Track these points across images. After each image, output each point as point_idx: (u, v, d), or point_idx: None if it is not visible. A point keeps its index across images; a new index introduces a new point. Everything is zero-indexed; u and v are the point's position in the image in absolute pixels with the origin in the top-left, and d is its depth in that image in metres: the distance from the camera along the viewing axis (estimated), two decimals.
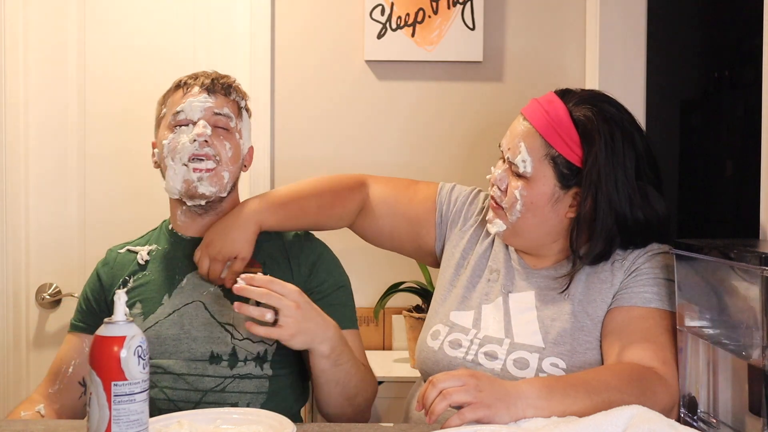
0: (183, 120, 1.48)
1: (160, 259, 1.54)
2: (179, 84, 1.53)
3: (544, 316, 1.37)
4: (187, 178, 1.46)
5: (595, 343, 1.32)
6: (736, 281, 1.08)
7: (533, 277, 1.42)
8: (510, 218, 1.38)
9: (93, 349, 1.01)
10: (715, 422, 1.13)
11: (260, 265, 1.49)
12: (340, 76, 2.40)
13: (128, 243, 1.61)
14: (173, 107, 1.50)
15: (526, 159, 1.34)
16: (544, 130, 1.34)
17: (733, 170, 3.84)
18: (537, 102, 1.39)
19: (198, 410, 1.25)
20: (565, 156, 1.33)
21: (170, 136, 1.48)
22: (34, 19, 2.35)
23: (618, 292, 1.34)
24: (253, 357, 1.44)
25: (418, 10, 2.35)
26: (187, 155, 1.45)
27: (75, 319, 1.55)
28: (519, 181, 1.36)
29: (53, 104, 2.36)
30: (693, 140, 4.19)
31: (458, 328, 1.42)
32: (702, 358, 1.17)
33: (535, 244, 1.43)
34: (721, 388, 1.12)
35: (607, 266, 1.37)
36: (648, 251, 1.37)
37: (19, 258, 2.35)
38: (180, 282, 1.50)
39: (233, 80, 1.57)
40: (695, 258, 1.18)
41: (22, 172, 2.35)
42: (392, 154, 2.41)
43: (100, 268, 1.58)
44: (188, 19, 2.36)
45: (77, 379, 1.50)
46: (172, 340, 1.45)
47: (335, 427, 1.20)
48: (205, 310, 1.47)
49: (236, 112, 1.53)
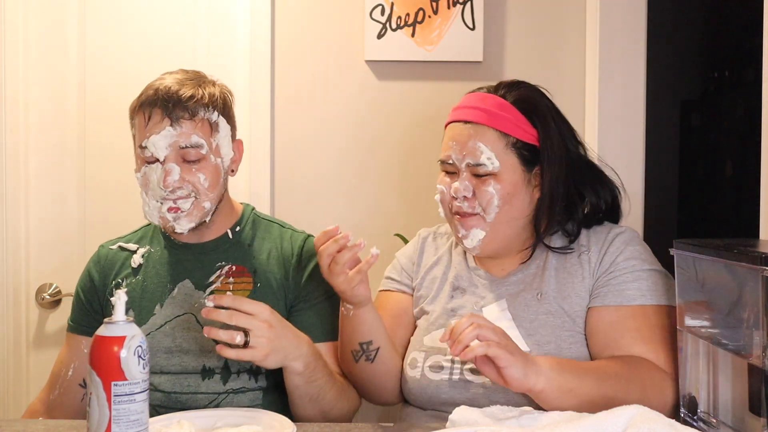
0: (149, 157, 1.38)
1: (153, 263, 1.51)
2: (141, 104, 1.40)
3: (521, 320, 1.37)
4: (164, 216, 1.40)
5: (578, 337, 1.33)
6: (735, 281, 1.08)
7: (501, 286, 1.42)
8: (488, 218, 1.37)
9: (93, 349, 1.01)
10: (715, 422, 1.13)
11: (251, 274, 1.47)
12: (339, 76, 2.40)
13: (121, 238, 1.57)
14: (138, 137, 1.41)
15: (490, 156, 1.35)
16: (494, 122, 1.36)
17: (733, 170, 3.84)
18: (466, 107, 1.41)
19: (198, 410, 1.25)
20: (522, 139, 1.37)
21: (142, 169, 1.40)
22: (34, 18, 2.35)
23: (596, 288, 1.35)
24: (246, 369, 1.41)
25: (418, 10, 2.35)
26: (159, 196, 1.39)
27: (71, 319, 1.54)
28: (486, 180, 1.36)
29: (53, 104, 2.36)
30: (693, 140, 4.19)
31: (434, 351, 1.40)
32: (702, 357, 1.17)
33: (508, 242, 1.42)
34: (721, 388, 1.12)
35: (574, 258, 1.39)
36: (613, 241, 1.38)
37: (19, 258, 2.34)
38: (172, 291, 1.47)
39: (199, 94, 1.41)
40: (695, 258, 1.18)
41: (22, 172, 2.35)
42: (392, 154, 2.41)
43: (91, 266, 1.55)
44: (188, 18, 2.36)
45: (77, 382, 1.48)
46: (164, 353, 1.43)
47: (335, 427, 1.20)
48: (197, 323, 1.44)
49: (208, 131, 1.41)
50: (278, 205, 2.40)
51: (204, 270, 1.49)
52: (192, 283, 1.47)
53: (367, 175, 2.42)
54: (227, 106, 1.47)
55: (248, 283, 1.46)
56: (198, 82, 1.44)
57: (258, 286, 1.46)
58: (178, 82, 1.41)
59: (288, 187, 2.41)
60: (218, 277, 1.47)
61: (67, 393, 1.48)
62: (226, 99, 1.47)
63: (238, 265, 1.48)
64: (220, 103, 1.44)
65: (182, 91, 1.39)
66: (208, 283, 1.47)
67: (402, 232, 2.33)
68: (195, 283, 1.47)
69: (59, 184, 2.37)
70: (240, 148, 1.53)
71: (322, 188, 2.42)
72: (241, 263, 1.49)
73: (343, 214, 2.41)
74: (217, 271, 1.48)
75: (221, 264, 1.49)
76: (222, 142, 1.44)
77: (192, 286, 1.47)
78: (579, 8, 2.37)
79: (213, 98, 1.42)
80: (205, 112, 1.40)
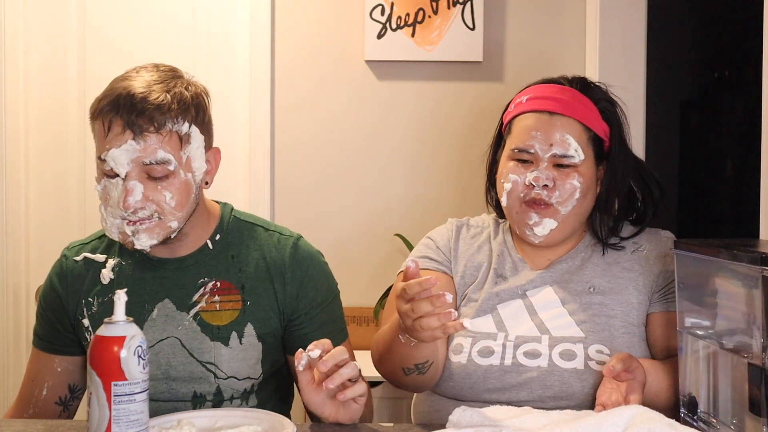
0: (109, 171, 1.23)
1: (126, 279, 1.34)
2: (101, 111, 1.22)
3: (572, 308, 1.38)
4: (123, 231, 1.25)
5: (629, 328, 1.35)
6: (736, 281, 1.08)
7: (545, 274, 1.43)
8: (563, 210, 1.38)
9: (93, 349, 1.01)
10: (715, 422, 1.12)
11: (238, 290, 1.34)
12: (340, 76, 2.40)
13: (86, 245, 1.40)
14: (98, 147, 1.24)
15: (577, 147, 1.38)
16: (578, 114, 1.39)
17: (733, 170, 3.84)
18: (545, 98, 1.40)
19: (198, 410, 1.24)
20: (597, 133, 1.40)
21: (102, 182, 1.25)
22: (34, 19, 2.35)
23: (657, 292, 1.38)
24: (239, 395, 1.34)
25: (418, 10, 2.35)
26: (119, 215, 1.24)
27: (39, 335, 1.39)
28: (569, 172, 1.38)
29: (53, 104, 2.36)
30: (693, 140, 4.19)
31: (483, 336, 1.38)
32: (702, 358, 1.17)
33: (569, 235, 1.44)
34: (721, 388, 1.12)
35: (626, 255, 1.42)
36: (665, 242, 1.43)
37: (19, 258, 2.35)
38: (151, 313, 1.32)
39: (167, 101, 1.21)
40: (695, 258, 1.18)
41: (22, 172, 2.35)
42: (392, 154, 2.41)
43: (55, 280, 1.37)
44: (188, 20, 2.36)
45: (53, 401, 1.37)
46: (151, 381, 1.24)
47: (335, 427, 1.20)
48: (183, 348, 1.31)
49: (177, 145, 1.23)
50: (278, 205, 2.40)
51: (185, 288, 1.33)
52: (172, 303, 1.32)
53: (367, 174, 2.42)
54: (201, 112, 1.27)
55: (236, 302, 1.33)
56: (169, 84, 1.24)
57: (248, 305, 1.33)
58: (145, 85, 1.22)
59: (288, 187, 2.41)
60: (202, 296, 1.33)
61: (43, 412, 1.37)
62: (200, 104, 1.27)
63: (222, 281, 1.34)
64: (192, 111, 1.25)
65: (150, 97, 1.21)
66: (192, 303, 1.33)
67: (402, 232, 2.33)
68: (176, 303, 1.32)
69: (59, 184, 2.37)
70: (216, 157, 1.33)
71: (322, 188, 2.42)
72: (225, 278, 1.34)
73: (343, 214, 2.41)
74: (201, 288, 1.33)
75: (204, 280, 1.33)
76: (194, 155, 1.26)
77: (173, 306, 1.32)
78: (579, 8, 2.37)
79: (184, 105, 1.23)
80: (174, 124, 1.22)
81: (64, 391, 1.38)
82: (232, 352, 1.32)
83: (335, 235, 2.37)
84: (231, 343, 1.32)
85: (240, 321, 1.33)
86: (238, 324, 1.32)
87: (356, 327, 2.31)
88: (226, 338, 1.32)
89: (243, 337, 1.33)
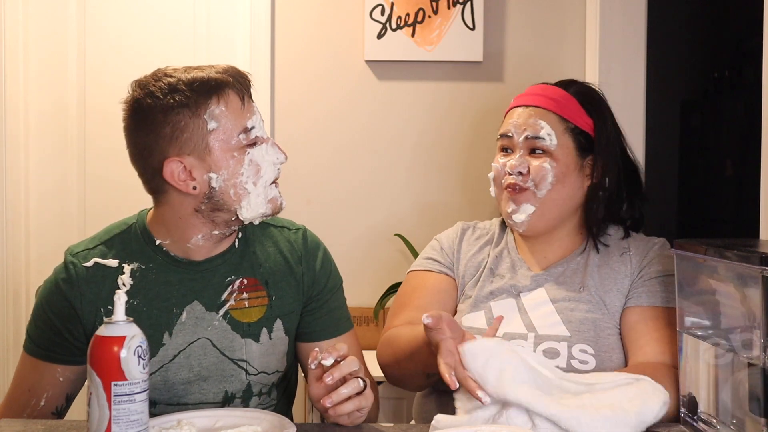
0: (256, 139, 1.30)
1: (147, 283, 1.31)
2: (212, 86, 1.25)
3: (561, 308, 1.41)
4: (273, 197, 1.33)
5: (613, 329, 1.39)
6: (735, 281, 1.08)
7: (541, 276, 1.47)
8: (539, 194, 1.42)
9: (93, 349, 1.01)
10: (715, 422, 1.13)
11: (263, 286, 1.36)
12: (339, 76, 2.40)
13: (90, 249, 1.34)
14: (236, 120, 1.26)
15: (550, 132, 1.43)
16: (555, 107, 1.45)
17: (733, 170, 3.84)
18: (528, 95, 1.49)
19: (198, 410, 1.24)
20: (579, 126, 1.45)
21: (247, 160, 1.28)
22: (34, 19, 2.35)
23: (632, 289, 1.42)
24: (267, 389, 1.36)
25: (418, 10, 2.35)
26: (272, 178, 1.33)
27: (38, 344, 1.32)
28: (542, 156, 1.43)
29: (53, 104, 2.36)
30: (693, 140, 4.19)
31: (474, 331, 1.39)
32: (702, 358, 1.17)
33: (555, 225, 1.47)
34: (721, 388, 1.12)
35: (615, 257, 1.46)
36: (650, 246, 1.46)
37: (19, 258, 2.35)
38: (180, 316, 1.31)
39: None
40: (695, 258, 1.18)
41: (22, 172, 2.35)
42: (392, 154, 2.41)
43: (65, 288, 1.31)
44: (188, 19, 2.36)
45: (50, 410, 1.33)
46: (182, 384, 1.31)
47: (336, 427, 1.20)
48: (214, 348, 1.32)
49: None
50: None
51: (214, 288, 1.34)
52: (201, 304, 1.32)
53: (367, 174, 2.42)
54: None
55: (263, 298, 1.35)
56: None
57: (273, 300, 1.36)
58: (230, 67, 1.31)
59: (288, 186, 2.41)
60: (231, 294, 1.34)
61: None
62: None
63: (248, 278, 1.36)
64: None
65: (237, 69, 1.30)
66: (221, 302, 1.33)
67: (403, 232, 2.33)
68: (205, 304, 1.33)
69: (59, 184, 2.37)
70: None
71: (322, 188, 2.42)
72: (251, 275, 1.36)
73: (343, 214, 2.41)
74: (228, 287, 1.34)
75: (231, 278, 1.34)
76: None
77: (202, 308, 1.32)
78: (579, 8, 2.37)
79: None
80: None
81: (62, 402, 1.34)
82: (262, 348, 1.34)
83: (335, 235, 2.37)
84: (261, 338, 1.34)
85: (269, 317, 1.35)
86: (268, 320, 1.35)
87: (356, 327, 2.30)
88: (257, 334, 1.33)
89: (272, 332, 1.35)
